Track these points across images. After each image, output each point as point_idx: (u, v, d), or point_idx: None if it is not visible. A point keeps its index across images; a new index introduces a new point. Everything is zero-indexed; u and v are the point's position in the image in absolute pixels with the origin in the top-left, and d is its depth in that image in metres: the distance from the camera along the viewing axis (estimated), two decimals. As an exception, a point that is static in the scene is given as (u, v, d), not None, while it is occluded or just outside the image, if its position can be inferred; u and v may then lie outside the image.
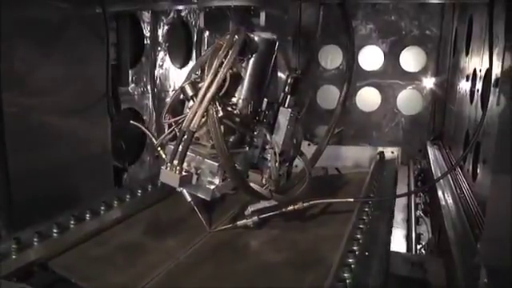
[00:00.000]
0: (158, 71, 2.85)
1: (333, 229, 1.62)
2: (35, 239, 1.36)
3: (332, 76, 3.97)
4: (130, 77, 2.56)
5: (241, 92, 1.47)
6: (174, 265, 1.38)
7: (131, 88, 2.61)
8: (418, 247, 2.43)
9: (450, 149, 3.19)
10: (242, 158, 1.50)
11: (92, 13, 2.11)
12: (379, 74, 3.90)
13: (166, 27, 2.86)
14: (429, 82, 3.82)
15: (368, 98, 3.94)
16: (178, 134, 1.35)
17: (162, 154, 1.47)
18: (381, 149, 2.62)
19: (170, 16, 2.90)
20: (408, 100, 3.87)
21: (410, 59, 3.83)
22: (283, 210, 1.58)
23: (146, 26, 2.69)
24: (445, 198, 2.43)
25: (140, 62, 2.68)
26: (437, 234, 2.45)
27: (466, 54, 2.89)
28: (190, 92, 1.32)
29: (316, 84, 3.99)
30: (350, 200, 1.67)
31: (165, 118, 1.45)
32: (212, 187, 1.38)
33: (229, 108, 1.42)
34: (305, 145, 2.45)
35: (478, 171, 2.08)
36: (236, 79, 1.44)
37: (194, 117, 1.28)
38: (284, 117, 1.54)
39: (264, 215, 1.59)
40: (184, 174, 1.33)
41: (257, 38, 1.46)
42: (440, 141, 3.60)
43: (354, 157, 2.77)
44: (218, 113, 1.29)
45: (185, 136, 1.30)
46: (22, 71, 1.79)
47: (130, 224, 1.63)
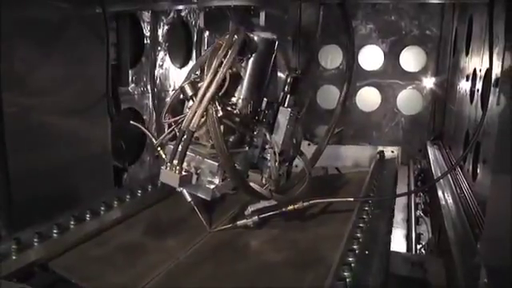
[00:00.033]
0: (158, 71, 2.85)
1: (333, 228, 1.62)
2: (35, 240, 1.36)
3: (332, 76, 3.96)
4: (130, 77, 2.56)
5: (240, 92, 1.47)
6: (174, 265, 1.38)
7: (131, 88, 2.61)
8: (418, 247, 2.42)
9: (449, 149, 3.19)
10: (242, 157, 1.49)
11: (92, 13, 2.11)
12: (379, 74, 3.90)
13: (166, 27, 2.86)
14: (429, 82, 3.81)
15: (368, 97, 3.93)
16: (178, 133, 1.35)
17: (162, 154, 1.47)
18: (381, 148, 2.62)
19: (170, 16, 2.90)
20: (408, 100, 3.87)
21: (410, 59, 3.82)
22: (283, 209, 1.58)
23: (146, 25, 2.69)
24: (445, 197, 2.43)
25: (140, 62, 2.68)
26: (437, 234, 2.44)
27: (466, 54, 2.89)
28: (190, 92, 1.32)
29: (316, 84, 3.98)
30: (350, 199, 1.67)
31: (165, 117, 1.45)
32: (212, 187, 1.38)
33: (228, 108, 1.42)
34: (305, 145, 2.45)
35: (478, 171, 2.08)
36: (236, 79, 1.44)
37: (193, 116, 1.28)
38: (284, 116, 1.54)
39: (264, 215, 1.59)
40: (184, 173, 1.33)
41: (256, 38, 1.46)
42: (440, 141, 3.59)
43: (354, 156, 2.78)
44: (217, 112, 1.29)
45: (184, 136, 1.30)
46: (21, 71, 1.79)
47: (130, 224, 1.64)
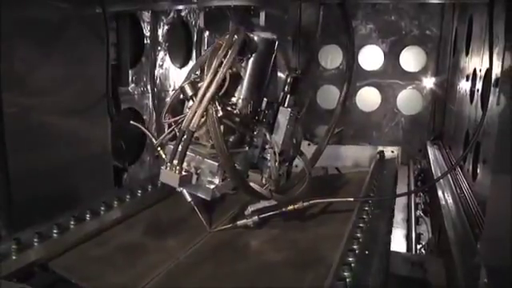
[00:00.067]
0: (158, 71, 2.85)
1: (333, 228, 1.62)
2: (35, 240, 1.35)
3: (332, 76, 3.96)
4: (130, 77, 2.56)
5: (240, 92, 1.47)
6: (174, 265, 1.38)
7: (131, 88, 2.61)
8: (418, 247, 2.42)
9: (450, 149, 3.19)
10: (242, 157, 1.49)
11: (92, 13, 2.11)
12: (379, 74, 3.90)
13: (166, 27, 2.86)
14: (429, 82, 3.81)
15: (368, 97, 3.93)
16: (178, 133, 1.35)
17: (162, 154, 1.47)
18: (381, 148, 2.61)
19: (170, 16, 2.90)
20: (408, 100, 3.87)
21: (410, 59, 3.82)
22: (283, 209, 1.58)
23: (146, 25, 2.69)
24: (445, 197, 2.43)
25: (140, 62, 2.68)
26: (437, 234, 2.44)
27: (466, 54, 2.89)
28: (190, 92, 1.32)
29: (316, 84, 3.98)
30: (350, 199, 1.67)
31: (165, 117, 1.45)
32: (212, 187, 1.38)
33: (228, 108, 1.41)
34: (305, 145, 2.45)
35: (478, 171, 2.08)
36: (235, 79, 1.44)
37: (193, 116, 1.28)
38: (284, 116, 1.54)
39: (264, 215, 1.59)
40: (184, 173, 1.33)
41: (256, 38, 1.46)
42: (440, 141, 3.59)
43: (354, 156, 2.77)
44: (217, 112, 1.29)
45: (184, 136, 1.30)
46: (22, 71, 1.79)
47: (130, 224, 1.63)
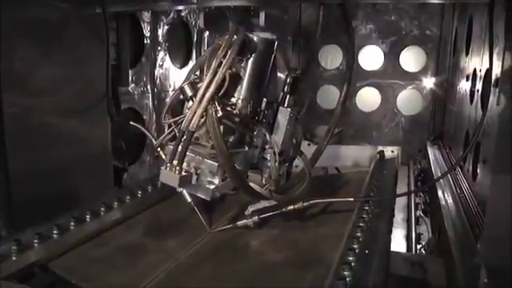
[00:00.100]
0: (158, 71, 2.85)
1: (333, 228, 1.62)
2: (35, 240, 1.35)
3: (332, 76, 3.96)
4: (130, 77, 2.56)
5: (240, 92, 1.47)
6: (174, 265, 1.38)
7: (131, 88, 2.61)
8: (418, 247, 2.42)
9: (449, 149, 3.19)
10: (242, 158, 1.49)
11: (92, 13, 2.11)
12: (379, 74, 3.89)
13: (166, 27, 2.86)
14: (429, 82, 3.81)
15: (368, 98, 3.93)
16: (178, 134, 1.35)
17: (162, 155, 1.47)
18: (381, 148, 2.61)
19: (170, 16, 2.90)
20: (408, 100, 3.87)
21: (410, 59, 3.82)
22: (283, 209, 1.58)
23: (146, 25, 2.69)
24: (445, 197, 2.43)
25: (140, 62, 2.68)
26: (437, 234, 2.44)
27: (466, 54, 2.88)
28: (189, 92, 1.32)
29: (316, 84, 3.98)
30: (350, 199, 1.67)
31: (164, 118, 1.45)
32: (212, 187, 1.38)
33: (228, 108, 1.41)
34: (305, 145, 2.45)
35: (478, 171, 2.08)
36: (235, 79, 1.44)
37: (193, 117, 1.28)
38: (283, 116, 1.54)
39: (264, 215, 1.59)
40: (184, 174, 1.33)
41: (256, 38, 1.46)
42: (440, 141, 3.59)
43: (354, 156, 2.77)
44: (217, 113, 1.29)
45: (184, 136, 1.30)
46: (22, 71, 1.79)
47: (130, 225, 1.63)
